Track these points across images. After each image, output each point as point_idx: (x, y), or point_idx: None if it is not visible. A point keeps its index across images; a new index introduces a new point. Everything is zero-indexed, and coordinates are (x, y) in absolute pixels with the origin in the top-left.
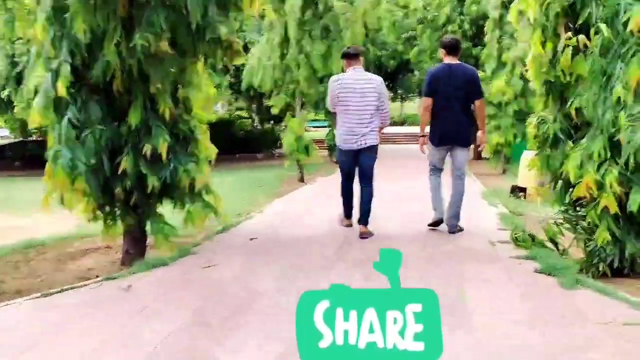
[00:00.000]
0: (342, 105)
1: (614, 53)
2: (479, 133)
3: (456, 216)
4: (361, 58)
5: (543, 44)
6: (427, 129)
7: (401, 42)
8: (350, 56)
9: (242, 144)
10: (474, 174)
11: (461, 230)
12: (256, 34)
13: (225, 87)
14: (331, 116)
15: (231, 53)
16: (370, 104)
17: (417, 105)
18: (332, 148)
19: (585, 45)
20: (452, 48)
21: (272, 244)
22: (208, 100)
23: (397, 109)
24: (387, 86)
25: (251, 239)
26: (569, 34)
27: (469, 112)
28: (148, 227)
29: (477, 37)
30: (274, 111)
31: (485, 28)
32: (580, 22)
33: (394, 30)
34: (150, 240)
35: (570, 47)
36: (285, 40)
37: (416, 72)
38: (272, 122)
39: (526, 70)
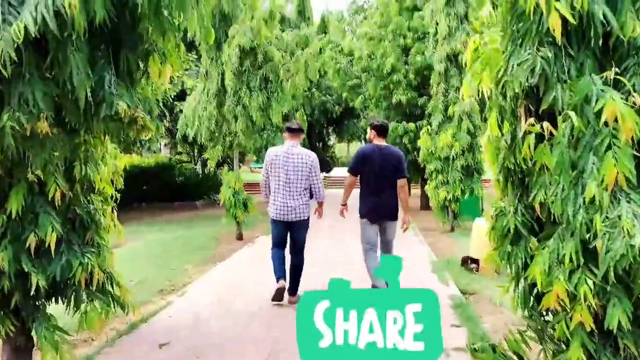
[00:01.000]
0: (274, 177)
1: (585, 145)
2: (402, 214)
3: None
4: (302, 135)
5: (500, 126)
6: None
7: (346, 90)
8: (291, 130)
9: (182, 190)
10: (421, 230)
11: None
12: (197, 78)
13: (163, 134)
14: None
15: (136, 128)
16: (302, 180)
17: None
18: None
19: (551, 133)
20: (381, 131)
21: (186, 352)
22: (115, 174)
23: (343, 150)
24: (333, 131)
25: (161, 346)
26: (531, 120)
27: (395, 190)
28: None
29: (422, 87)
30: (210, 164)
31: (430, 80)
32: (544, 106)
33: (338, 77)
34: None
35: (533, 134)
36: (222, 90)
37: (362, 118)
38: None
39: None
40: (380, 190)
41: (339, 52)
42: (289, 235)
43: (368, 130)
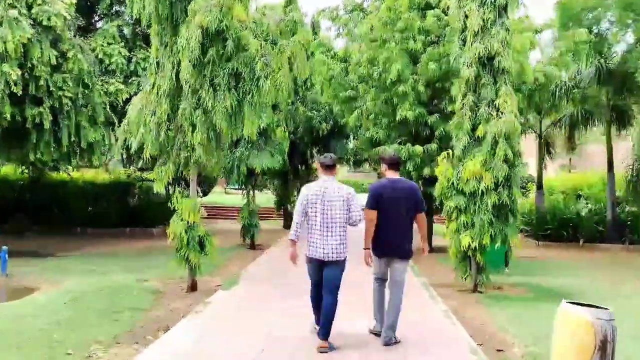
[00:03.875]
0: (310, 215)
1: None
2: (422, 242)
3: (392, 327)
4: (336, 170)
5: None
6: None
7: (339, 102)
8: (325, 166)
9: (140, 214)
10: (433, 285)
11: (397, 342)
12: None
13: (111, 145)
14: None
15: None
16: (339, 216)
17: (346, 170)
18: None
19: None
20: (393, 164)
21: None
22: None
23: None
24: (318, 151)
25: None
26: None
27: (411, 226)
28: None
29: (432, 103)
30: (157, 188)
31: (452, 90)
32: None
33: (329, 87)
34: None
35: None
36: (177, 87)
37: (352, 140)
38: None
39: None
40: (394, 226)
41: (332, 58)
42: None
43: (381, 166)
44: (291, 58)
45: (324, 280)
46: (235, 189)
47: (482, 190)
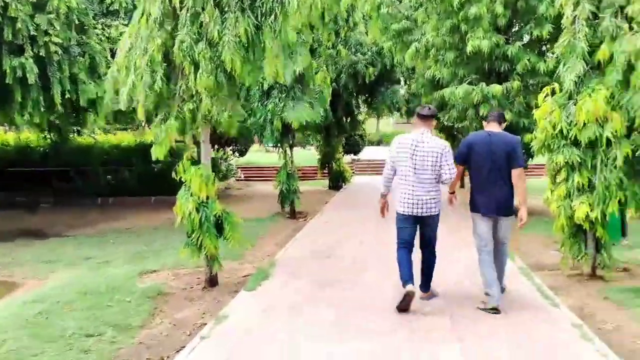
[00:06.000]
0: (402, 168)
1: None
2: (519, 208)
3: (501, 279)
4: (433, 121)
5: None
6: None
7: (389, 37)
8: (422, 116)
9: (164, 178)
10: (531, 267)
11: (504, 289)
12: None
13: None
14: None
15: None
16: (434, 171)
17: (393, 121)
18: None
19: None
20: (496, 119)
21: None
22: None
23: (373, 125)
24: (365, 101)
25: None
26: None
27: (510, 181)
28: None
29: (511, 29)
30: (157, 154)
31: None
32: None
33: (377, 20)
34: None
35: None
36: (171, 12)
37: (403, 85)
38: (217, 146)
39: None
40: (492, 181)
41: None
42: (418, 231)
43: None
44: None
45: (422, 237)
46: (273, 146)
47: (607, 138)
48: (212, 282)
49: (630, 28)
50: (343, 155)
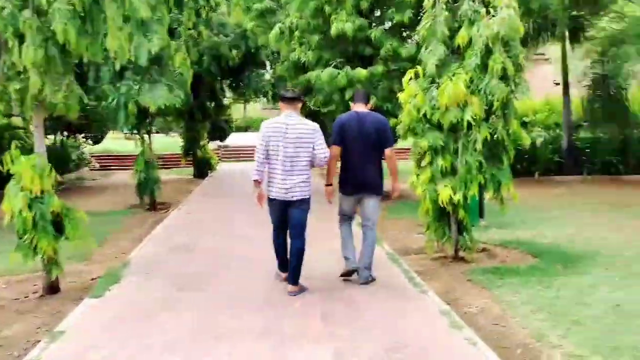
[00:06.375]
0: (272, 152)
1: None
2: (392, 181)
3: (369, 267)
4: (299, 103)
5: None
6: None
7: (252, 18)
8: (286, 99)
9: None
10: (399, 252)
11: (373, 280)
12: None
13: None
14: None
15: None
16: (302, 154)
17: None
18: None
19: None
20: (362, 99)
21: None
22: None
23: (239, 111)
24: (229, 86)
25: None
26: None
27: (379, 161)
28: None
29: (373, 14)
30: None
31: None
32: None
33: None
34: None
35: None
36: None
37: (269, 69)
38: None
39: None
40: (361, 162)
41: None
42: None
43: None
44: None
45: (290, 222)
46: (131, 133)
47: (467, 121)
48: (52, 289)
49: (488, 12)
50: (208, 142)
